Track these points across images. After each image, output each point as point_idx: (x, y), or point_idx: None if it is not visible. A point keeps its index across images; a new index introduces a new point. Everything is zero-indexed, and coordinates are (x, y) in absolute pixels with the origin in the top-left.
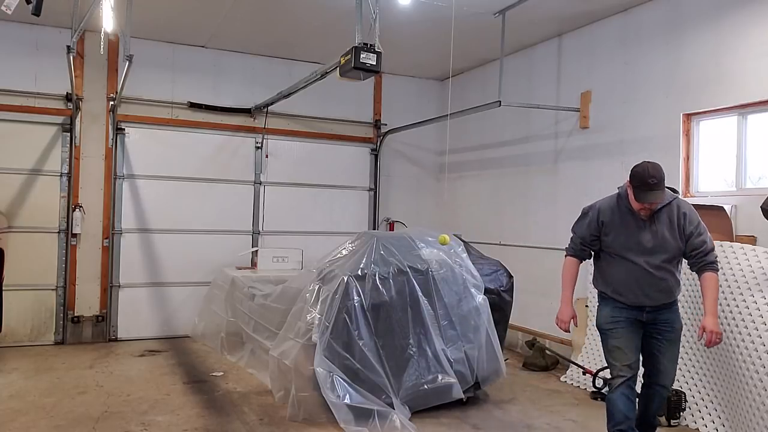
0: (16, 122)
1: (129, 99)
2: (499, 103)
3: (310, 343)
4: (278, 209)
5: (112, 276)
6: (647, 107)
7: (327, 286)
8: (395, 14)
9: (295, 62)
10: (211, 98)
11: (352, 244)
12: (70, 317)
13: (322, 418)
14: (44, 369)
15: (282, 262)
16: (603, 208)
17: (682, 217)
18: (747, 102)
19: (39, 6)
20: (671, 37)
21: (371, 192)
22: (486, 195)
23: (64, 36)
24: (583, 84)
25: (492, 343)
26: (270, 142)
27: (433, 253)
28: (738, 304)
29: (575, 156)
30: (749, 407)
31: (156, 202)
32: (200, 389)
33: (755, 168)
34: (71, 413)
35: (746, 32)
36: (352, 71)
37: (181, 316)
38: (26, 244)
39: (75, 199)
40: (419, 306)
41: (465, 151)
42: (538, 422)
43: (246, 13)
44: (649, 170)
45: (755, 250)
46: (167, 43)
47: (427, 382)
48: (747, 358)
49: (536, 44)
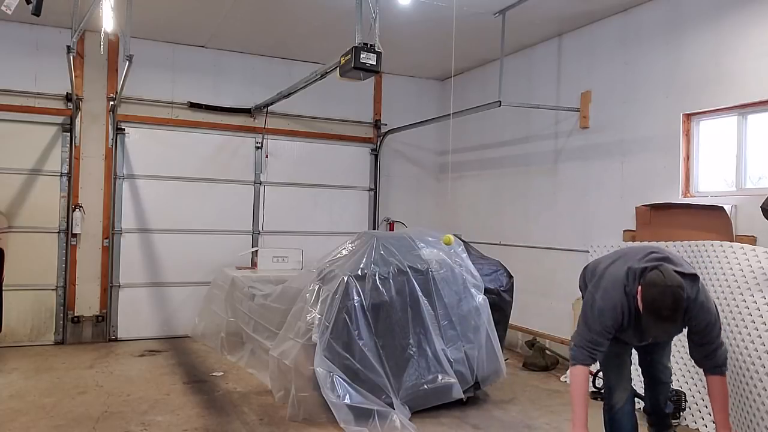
0: (16, 122)
1: (129, 99)
2: (499, 103)
3: (310, 343)
4: (278, 209)
5: (112, 276)
6: (647, 107)
7: (327, 286)
8: (395, 14)
9: (295, 62)
10: (211, 98)
11: (352, 244)
12: (70, 317)
13: (322, 418)
14: (44, 369)
15: (282, 262)
16: (621, 307)
17: (693, 318)
18: (747, 102)
19: (39, 6)
20: (671, 37)
21: (371, 192)
22: (486, 195)
23: (64, 36)
24: (583, 84)
25: (492, 343)
26: (270, 142)
27: (433, 253)
28: (738, 304)
29: (575, 156)
30: (749, 407)
31: (156, 202)
32: (200, 389)
33: (755, 168)
34: (71, 413)
35: (746, 32)
36: (352, 71)
37: (181, 316)
38: (26, 244)
39: (75, 199)
40: (419, 306)
41: (465, 151)
42: (538, 422)
43: (246, 13)
44: (668, 302)
45: (755, 250)
46: (167, 43)
47: (427, 382)
48: (747, 358)
49: (536, 44)
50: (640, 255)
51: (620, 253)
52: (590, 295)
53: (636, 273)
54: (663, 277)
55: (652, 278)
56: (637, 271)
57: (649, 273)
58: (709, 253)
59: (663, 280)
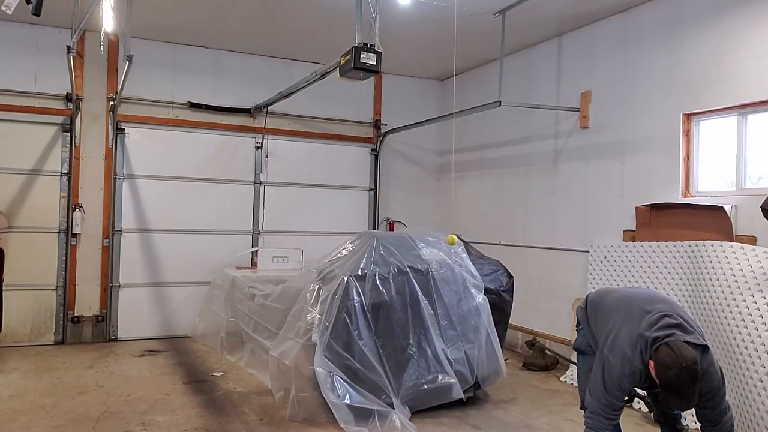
0: (16, 122)
1: (129, 99)
2: (499, 103)
3: (310, 343)
4: (278, 209)
5: (112, 276)
6: (647, 107)
7: (327, 286)
8: (395, 14)
9: (295, 62)
10: (211, 98)
11: (352, 244)
12: (70, 317)
13: (322, 418)
14: (44, 369)
15: (282, 262)
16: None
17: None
18: (747, 102)
19: (39, 6)
20: (671, 37)
21: (371, 192)
22: (486, 195)
23: (64, 36)
24: (583, 84)
25: (492, 343)
26: (270, 142)
27: (433, 253)
28: (738, 304)
29: (575, 156)
30: (749, 407)
31: (156, 202)
32: (200, 389)
33: (755, 168)
34: (71, 413)
35: (746, 32)
36: (352, 71)
37: (181, 316)
38: (26, 244)
39: (75, 199)
40: (419, 306)
41: (465, 151)
42: (538, 422)
43: (246, 13)
44: (686, 382)
45: (755, 250)
46: (167, 43)
47: (427, 382)
48: (747, 358)
49: (536, 44)
50: (653, 316)
51: (628, 298)
52: (605, 358)
53: (648, 342)
54: (676, 357)
55: (664, 359)
56: (649, 341)
57: (661, 348)
58: (709, 253)
59: (677, 361)
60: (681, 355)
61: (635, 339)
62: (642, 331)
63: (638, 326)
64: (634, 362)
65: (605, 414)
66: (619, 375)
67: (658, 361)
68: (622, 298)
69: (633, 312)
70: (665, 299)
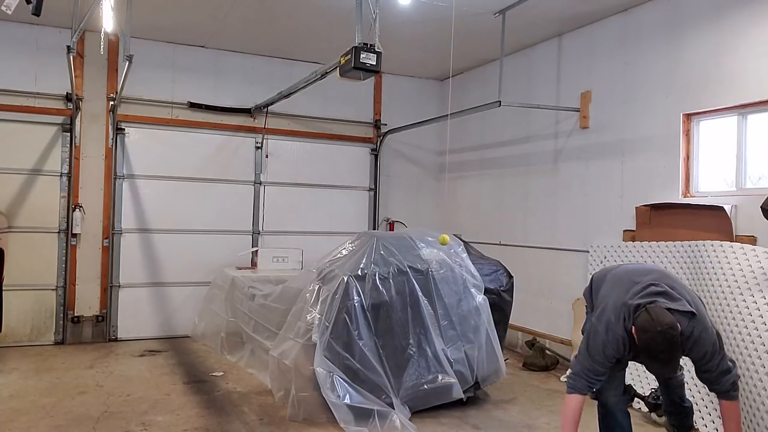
0: (16, 122)
1: (129, 99)
2: (499, 103)
3: (310, 343)
4: (278, 209)
5: (112, 276)
6: (647, 107)
7: (327, 286)
8: (395, 14)
9: (295, 62)
10: (211, 98)
11: (352, 244)
12: (70, 317)
13: (322, 418)
14: (44, 369)
15: (282, 262)
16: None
17: (690, 351)
18: (747, 102)
19: (39, 6)
20: (671, 37)
21: (371, 192)
22: (486, 195)
23: (64, 36)
24: (583, 84)
25: (492, 343)
26: (270, 142)
27: (433, 253)
28: (738, 304)
29: (575, 156)
30: (749, 407)
31: (156, 202)
32: (200, 389)
33: (755, 168)
34: (71, 413)
35: (746, 32)
36: (352, 71)
37: (181, 316)
38: (26, 244)
39: (75, 199)
40: (419, 306)
41: (465, 151)
42: (538, 422)
43: (246, 13)
44: (662, 346)
45: (755, 250)
46: (167, 43)
47: (427, 382)
48: (747, 358)
49: (536, 44)
50: (639, 286)
51: (623, 272)
52: (593, 325)
53: (630, 309)
54: (652, 321)
55: (641, 323)
56: (631, 308)
57: (641, 314)
58: (709, 253)
59: (653, 325)
60: (657, 319)
61: (620, 307)
62: (627, 299)
63: (624, 296)
64: (617, 330)
65: (587, 377)
66: (603, 341)
67: (637, 326)
68: (618, 274)
69: (623, 284)
70: (657, 270)
